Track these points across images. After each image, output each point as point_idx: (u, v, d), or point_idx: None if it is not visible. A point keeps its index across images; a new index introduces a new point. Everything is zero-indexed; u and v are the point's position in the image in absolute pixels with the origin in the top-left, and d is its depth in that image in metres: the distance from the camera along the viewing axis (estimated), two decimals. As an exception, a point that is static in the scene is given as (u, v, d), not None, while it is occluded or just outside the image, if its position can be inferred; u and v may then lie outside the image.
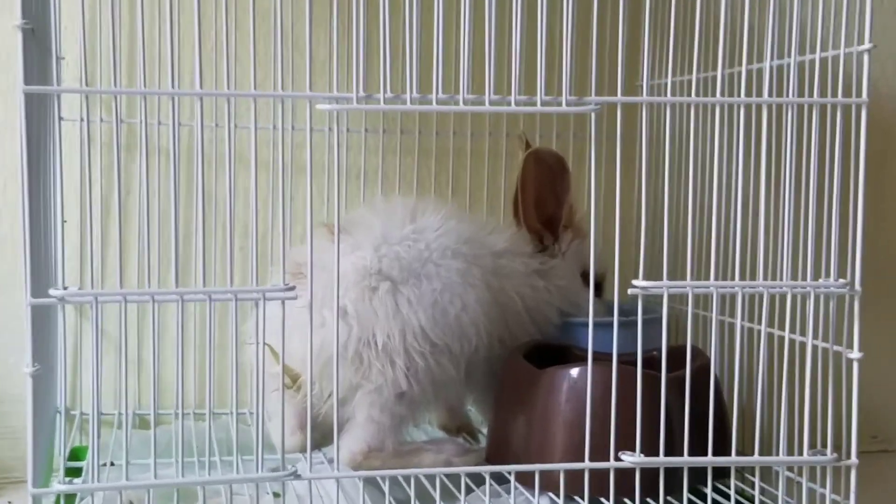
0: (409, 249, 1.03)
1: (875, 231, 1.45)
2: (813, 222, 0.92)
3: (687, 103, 0.90)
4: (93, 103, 1.24)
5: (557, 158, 1.14)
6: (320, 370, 0.99)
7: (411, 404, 1.02)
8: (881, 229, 1.46)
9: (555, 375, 0.99)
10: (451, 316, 1.02)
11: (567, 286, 1.15)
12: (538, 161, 1.14)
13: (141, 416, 1.25)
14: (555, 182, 1.15)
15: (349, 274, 1.01)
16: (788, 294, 0.92)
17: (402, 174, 1.34)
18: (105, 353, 0.99)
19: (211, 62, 1.12)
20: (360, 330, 1.00)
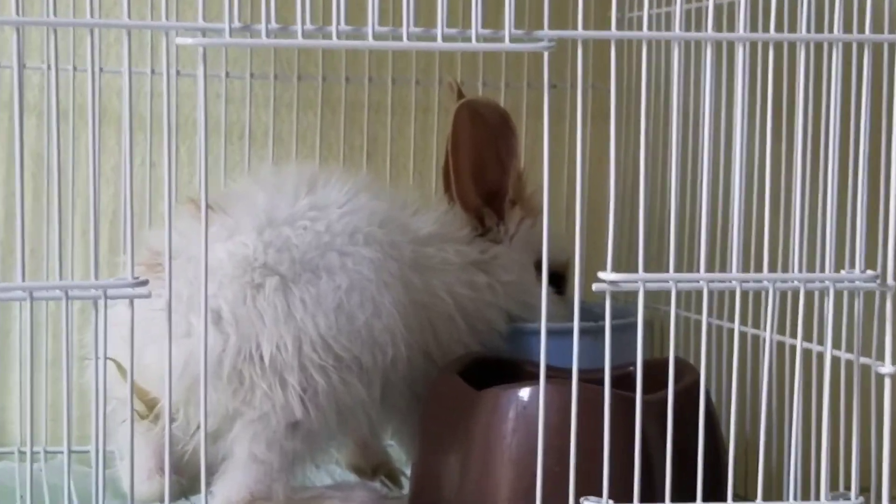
0: (304, 233, 1.03)
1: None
2: (834, 196, 0.93)
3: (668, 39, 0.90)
4: None
5: (500, 113, 1.15)
6: (185, 394, 0.99)
7: (309, 437, 1.02)
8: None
9: (498, 399, 0.99)
10: (361, 322, 1.03)
11: (516, 281, 1.16)
12: (474, 116, 1.14)
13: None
14: (497, 144, 1.16)
15: (224, 266, 1.01)
16: (801, 290, 0.92)
17: (301, 134, 1.35)
18: None
19: None
20: (239, 340, 1.01)
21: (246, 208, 1.05)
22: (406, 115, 1.36)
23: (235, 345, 1.00)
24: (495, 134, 1.15)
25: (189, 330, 0.99)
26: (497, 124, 1.15)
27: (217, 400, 1.00)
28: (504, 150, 1.16)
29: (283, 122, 1.34)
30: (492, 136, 1.15)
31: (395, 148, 1.36)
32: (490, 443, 0.99)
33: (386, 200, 1.10)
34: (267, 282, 1.01)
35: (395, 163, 1.36)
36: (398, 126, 1.36)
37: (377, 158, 1.36)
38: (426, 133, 1.37)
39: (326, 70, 1.34)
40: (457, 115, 1.14)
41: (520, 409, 0.98)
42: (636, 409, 0.92)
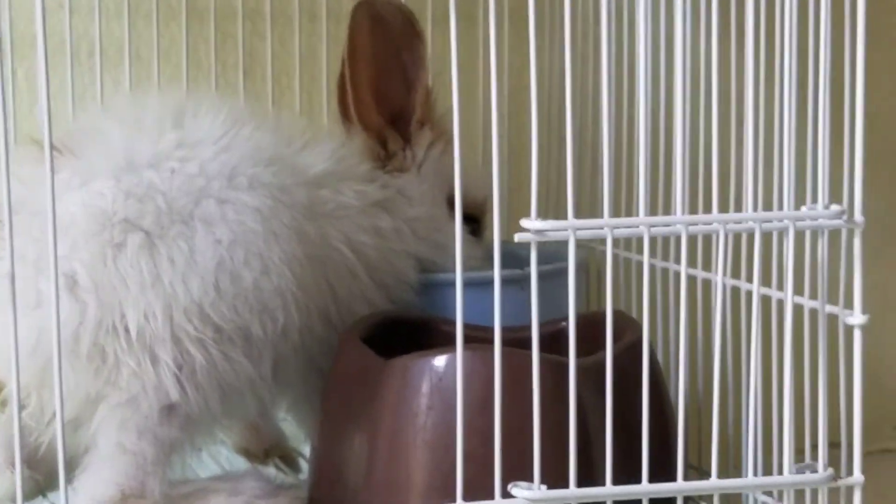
0: (171, 177, 1.04)
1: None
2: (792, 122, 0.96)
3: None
4: None
5: (405, 16, 1.16)
6: (38, 375, 1.00)
7: (187, 423, 1.03)
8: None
9: (409, 369, 1.01)
10: (247, 283, 1.04)
11: (424, 216, 1.19)
12: (375, 20, 1.16)
13: None
14: (402, 53, 1.17)
15: (78, 221, 1.02)
16: (757, 231, 0.95)
17: (163, 51, 1.35)
18: None
19: None
20: (99, 309, 1.01)
21: (100, 149, 1.04)
22: (289, 23, 1.37)
23: (95, 315, 1.01)
24: (399, 42, 1.17)
25: (39, 299, 0.99)
26: (401, 30, 1.17)
27: (76, 382, 1.01)
28: (410, 61, 1.18)
29: (141, 37, 1.34)
30: (395, 45, 1.17)
31: (277, 64, 1.37)
32: (401, 421, 1.00)
33: (270, 133, 1.10)
34: (129, 239, 1.02)
35: (277, 82, 1.37)
36: (280, 37, 1.37)
37: (256, 78, 1.37)
38: (314, 45, 1.37)
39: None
40: (353, 19, 1.15)
41: (435, 380, 1.00)
42: (569, 376, 0.94)
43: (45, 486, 1.07)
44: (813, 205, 0.97)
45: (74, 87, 1.31)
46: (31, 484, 1.05)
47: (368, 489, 1.01)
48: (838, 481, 1.00)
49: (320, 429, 1.08)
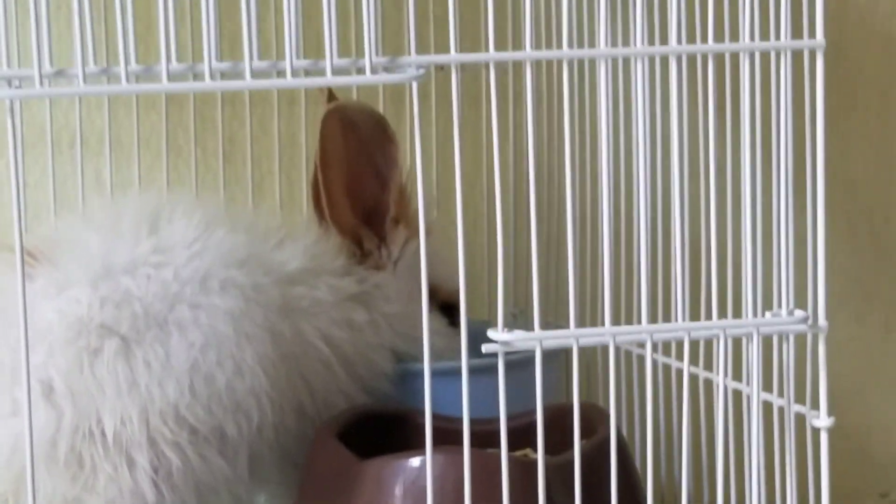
0: (147, 283, 1.04)
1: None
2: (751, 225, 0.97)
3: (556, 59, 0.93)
4: None
5: (376, 119, 1.17)
6: (14, 483, 1.01)
7: (162, 526, 1.04)
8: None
9: (383, 470, 1.01)
10: (220, 385, 1.04)
11: (401, 313, 1.19)
12: (346, 125, 1.16)
13: None
14: (374, 155, 1.18)
15: (55, 329, 1.02)
16: (721, 337, 0.97)
17: (144, 139, 1.35)
18: None
19: None
20: (76, 416, 1.02)
21: (77, 256, 1.05)
22: (268, 108, 1.37)
23: (72, 422, 1.01)
24: (371, 144, 1.17)
25: (15, 408, 1.00)
26: (373, 133, 1.17)
27: (53, 487, 1.01)
28: (383, 162, 1.18)
29: (122, 125, 1.35)
30: (367, 147, 1.17)
31: (257, 149, 1.37)
32: (376, 523, 1.01)
33: (244, 233, 1.11)
34: (106, 345, 1.02)
35: (258, 166, 1.37)
36: (259, 122, 1.37)
37: (237, 162, 1.37)
38: (293, 129, 1.38)
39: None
40: (324, 126, 1.16)
41: (408, 483, 1.00)
42: (538, 477, 0.94)
43: None
44: (778, 310, 0.98)
45: (55, 176, 1.31)
46: None
47: (345, 588, 1.02)
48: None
49: (296, 527, 1.08)
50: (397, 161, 1.18)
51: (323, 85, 0.90)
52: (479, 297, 1.25)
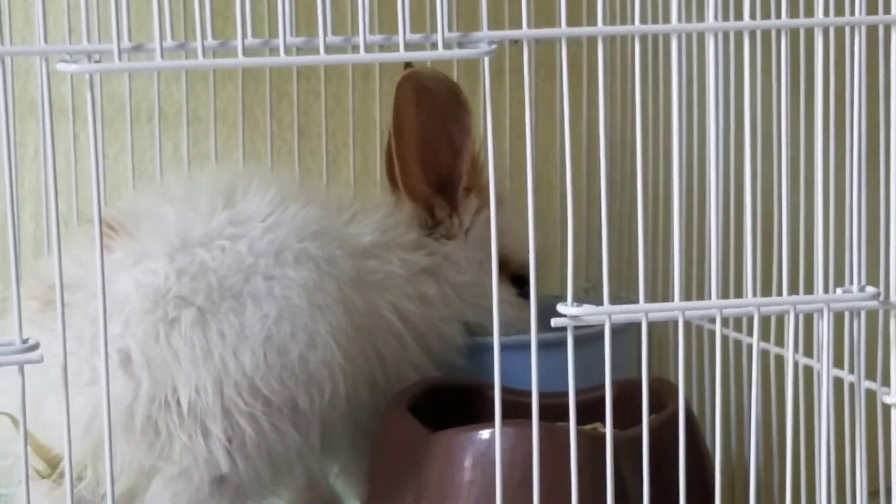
0: (222, 255, 1.06)
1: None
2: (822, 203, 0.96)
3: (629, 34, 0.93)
4: None
5: (448, 87, 1.17)
6: (93, 450, 1.01)
7: (237, 494, 1.05)
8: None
9: (452, 443, 1.02)
10: (293, 356, 1.05)
11: (471, 282, 1.20)
12: (420, 92, 1.16)
13: None
14: (447, 123, 1.18)
15: (132, 300, 1.03)
16: (791, 313, 0.97)
17: (220, 111, 1.37)
18: None
19: None
20: (152, 385, 1.03)
21: (155, 229, 1.06)
22: (343, 81, 1.38)
23: (148, 391, 1.02)
24: (445, 112, 1.17)
25: (94, 376, 1.01)
26: (447, 100, 1.17)
27: (130, 455, 1.02)
28: (456, 130, 1.18)
29: (199, 98, 1.36)
30: (441, 115, 1.17)
31: (331, 122, 1.37)
32: (445, 494, 1.01)
33: (318, 206, 1.12)
34: (182, 315, 1.03)
35: (332, 139, 1.38)
36: (334, 96, 1.38)
37: (311, 136, 1.37)
38: (367, 102, 1.38)
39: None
40: (399, 92, 1.16)
41: (478, 455, 1.01)
42: (606, 451, 0.95)
43: None
44: (849, 286, 0.98)
45: (134, 150, 1.32)
46: None
47: (416, 558, 1.03)
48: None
49: (368, 497, 1.09)
50: (470, 130, 1.18)
51: (396, 60, 0.90)
52: (549, 272, 1.25)
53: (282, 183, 1.12)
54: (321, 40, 0.88)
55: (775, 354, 1.09)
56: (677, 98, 0.96)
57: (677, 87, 0.96)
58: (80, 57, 0.86)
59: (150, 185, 1.22)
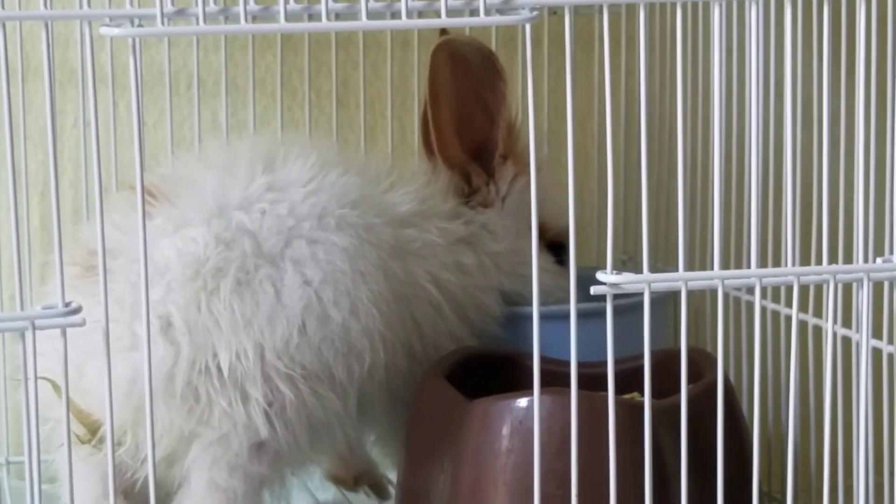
0: (262, 217, 1.06)
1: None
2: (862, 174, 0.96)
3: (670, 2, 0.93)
4: None
5: (484, 54, 1.17)
6: (133, 415, 1.02)
7: (276, 459, 1.05)
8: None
9: (490, 410, 1.02)
10: (335, 323, 1.05)
11: (507, 250, 1.20)
12: (455, 59, 1.16)
13: None
14: (483, 91, 1.18)
15: (173, 266, 1.04)
16: (831, 282, 0.96)
17: (259, 80, 1.36)
18: None
19: None
20: (193, 350, 1.03)
21: (194, 195, 1.06)
22: (381, 51, 1.37)
23: (189, 357, 1.03)
24: (480, 79, 1.17)
25: (134, 342, 1.01)
26: (482, 68, 1.17)
27: (170, 420, 1.03)
28: (491, 98, 1.18)
29: (238, 67, 1.36)
30: (476, 83, 1.17)
31: (370, 92, 1.37)
32: (482, 462, 1.02)
33: (357, 174, 1.11)
34: (221, 283, 1.03)
35: (370, 109, 1.38)
36: (372, 66, 1.38)
37: (350, 105, 1.37)
38: (406, 73, 1.38)
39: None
40: (434, 59, 1.16)
41: (515, 423, 1.01)
42: (645, 420, 0.95)
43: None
44: (889, 256, 0.97)
45: (173, 117, 1.33)
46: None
47: (452, 525, 1.03)
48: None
49: (405, 464, 1.09)
50: (506, 97, 1.18)
51: (437, 26, 0.90)
52: (586, 243, 1.24)
53: (321, 150, 1.12)
54: (363, 6, 0.88)
55: (813, 325, 1.08)
56: (718, 69, 0.96)
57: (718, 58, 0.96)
58: (123, 21, 0.87)
59: (188, 152, 1.22)
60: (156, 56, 1.34)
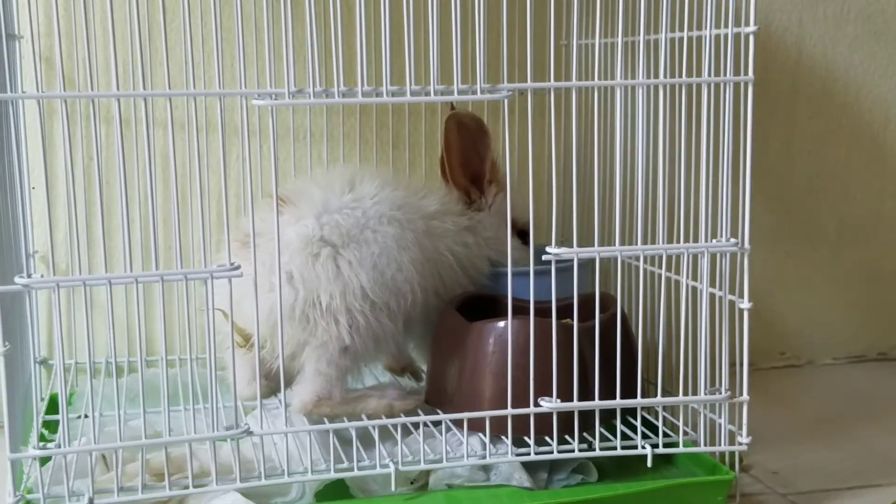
0: (347, 217, 1.05)
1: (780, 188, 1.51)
2: (704, 189, 0.96)
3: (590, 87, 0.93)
4: (53, 78, 1.25)
5: (476, 121, 1.15)
6: (270, 330, 1.02)
7: (354, 357, 1.05)
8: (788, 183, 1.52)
9: (482, 329, 1.02)
10: (388, 276, 1.05)
11: (494, 237, 1.17)
12: (459, 125, 1.15)
13: (131, 364, 1.28)
14: (476, 142, 1.16)
15: (294, 242, 1.03)
16: (685, 254, 0.96)
17: (346, 133, 1.35)
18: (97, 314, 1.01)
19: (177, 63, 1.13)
20: (305, 293, 1.03)
21: (307, 201, 1.06)
22: (418, 117, 1.36)
23: (303, 297, 1.02)
24: (475, 136, 1.16)
25: (271, 287, 1.00)
26: (476, 129, 1.15)
27: (292, 334, 1.02)
28: (482, 147, 1.17)
29: (333, 125, 1.35)
30: (472, 138, 1.16)
31: (411, 141, 1.35)
32: (478, 358, 1.02)
33: (404, 188, 1.11)
34: (323, 251, 1.03)
35: (412, 151, 1.35)
36: (413, 125, 1.36)
37: (400, 148, 1.35)
38: (433, 130, 1.36)
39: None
40: (447, 124, 1.15)
41: (497, 336, 1.01)
42: (573, 334, 0.97)
43: (276, 390, 1.07)
44: (721, 238, 0.97)
45: (295, 155, 1.31)
46: (267, 389, 1.06)
47: (459, 396, 1.03)
48: (734, 399, 1.01)
49: (431, 360, 1.09)
50: (490, 146, 1.16)
51: (452, 101, 0.90)
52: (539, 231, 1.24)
53: (382, 176, 1.11)
54: (408, 89, 0.89)
55: (675, 280, 1.08)
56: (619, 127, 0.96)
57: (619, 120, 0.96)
58: (265, 96, 0.87)
59: (303, 176, 1.21)
60: (285, 118, 1.33)
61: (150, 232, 0.88)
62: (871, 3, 1.50)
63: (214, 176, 1.31)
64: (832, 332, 1.56)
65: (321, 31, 0.88)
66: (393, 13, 0.89)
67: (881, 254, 1.57)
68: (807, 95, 1.50)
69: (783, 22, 1.47)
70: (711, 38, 0.94)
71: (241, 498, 0.93)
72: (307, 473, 0.96)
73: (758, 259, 1.15)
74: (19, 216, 1.05)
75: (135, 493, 0.91)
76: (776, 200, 1.53)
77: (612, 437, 1.00)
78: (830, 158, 1.53)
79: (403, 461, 0.98)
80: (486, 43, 0.91)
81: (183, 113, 1.25)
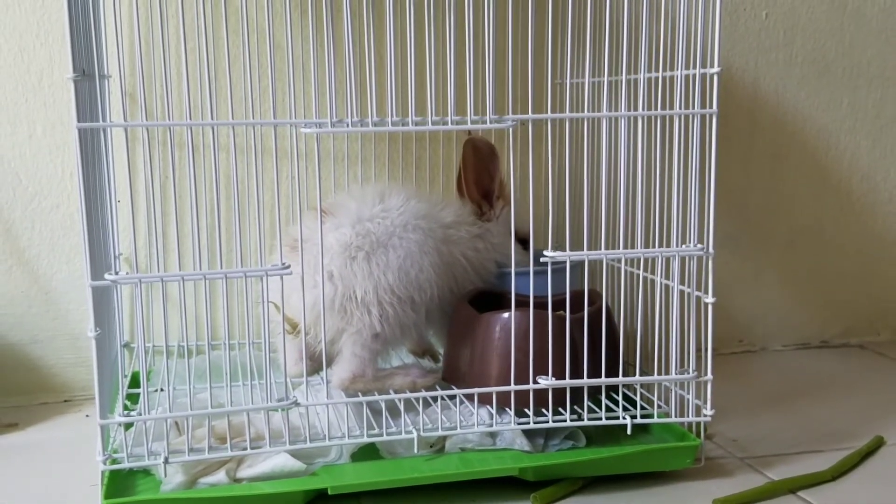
0: (378, 225, 1.05)
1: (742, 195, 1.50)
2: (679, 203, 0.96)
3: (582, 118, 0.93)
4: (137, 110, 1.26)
5: (489, 145, 1.15)
6: (314, 320, 1.01)
7: (384, 342, 1.05)
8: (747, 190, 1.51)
9: (490, 319, 1.02)
10: (412, 276, 1.04)
11: (501, 244, 1.16)
12: (474, 148, 1.15)
13: (199, 346, 1.28)
14: (488, 164, 1.16)
15: (334, 246, 1.03)
16: (660, 257, 0.96)
17: (377, 156, 1.34)
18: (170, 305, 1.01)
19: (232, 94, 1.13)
20: (343, 288, 1.02)
21: (344, 212, 1.06)
22: (437, 143, 1.35)
23: (342, 292, 1.02)
24: (487, 159, 1.15)
25: (315, 284, 1.00)
26: (488, 153, 1.15)
27: (332, 323, 1.02)
28: (493, 168, 1.16)
29: (367, 150, 1.34)
30: (485, 160, 1.15)
31: (431, 163, 1.35)
32: (486, 344, 1.02)
33: (425, 202, 1.10)
34: (358, 254, 1.03)
35: (432, 171, 1.35)
36: (434, 149, 1.35)
37: (423, 168, 1.36)
38: (451, 154, 1.36)
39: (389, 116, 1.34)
40: (464, 147, 1.15)
41: (502, 325, 1.01)
42: (566, 324, 0.97)
43: (319, 369, 1.07)
44: (689, 244, 0.97)
45: (335, 174, 1.31)
46: (311, 369, 1.05)
47: (471, 375, 1.03)
48: (700, 378, 1.00)
49: (447, 345, 1.09)
50: (499, 167, 1.16)
51: (466, 129, 0.90)
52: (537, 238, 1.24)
53: (408, 190, 1.11)
54: (429, 119, 0.89)
55: (650, 279, 1.08)
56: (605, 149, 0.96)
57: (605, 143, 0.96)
58: (311, 125, 0.87)
59: (343, 191, 1.21)
60: (327, 143, 1.33)
61: (216, 237, 0.89)
62: (816, 49, 1.50)
63: (268, 192, 1.32)
64: (782, 323, 1.55)
65: (358, 71, 0.88)
66: (417, 58, 0.89)
67: (824, 257, 1.56)
68: (762, 126, 1.50)
69: (742, 64, 1.47)
70: (682, 77, 0.94)
71: (290, 458, 0.94)
72: (344, 438, 0.96)
73: (720, 261, 1.14)
74: (108, 224, 1.05)
75: (202, 453, 0.91)
76: (736, 212, 1.53)
77: (598, 410, 1.00)
78: (781, 178, 1.52)
79: (424, 428, 0.98)
80: (495, 81, 0.91)
81: (243, 139, 1.26)
